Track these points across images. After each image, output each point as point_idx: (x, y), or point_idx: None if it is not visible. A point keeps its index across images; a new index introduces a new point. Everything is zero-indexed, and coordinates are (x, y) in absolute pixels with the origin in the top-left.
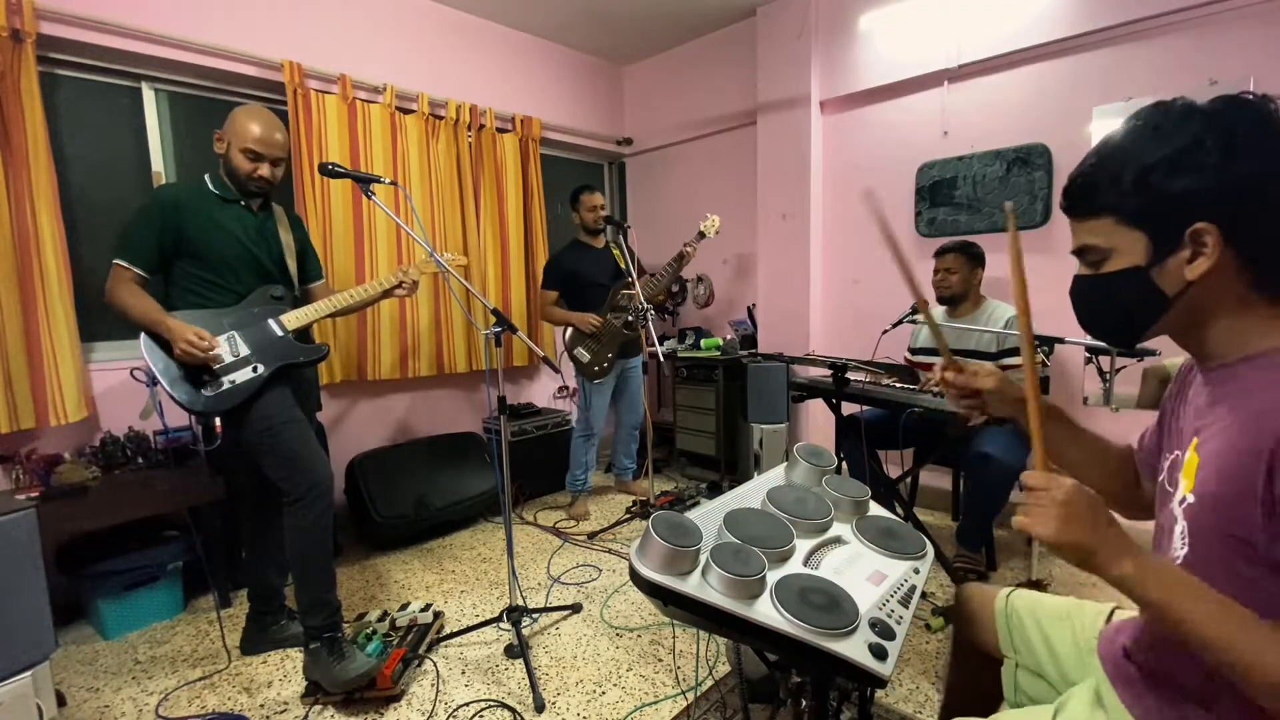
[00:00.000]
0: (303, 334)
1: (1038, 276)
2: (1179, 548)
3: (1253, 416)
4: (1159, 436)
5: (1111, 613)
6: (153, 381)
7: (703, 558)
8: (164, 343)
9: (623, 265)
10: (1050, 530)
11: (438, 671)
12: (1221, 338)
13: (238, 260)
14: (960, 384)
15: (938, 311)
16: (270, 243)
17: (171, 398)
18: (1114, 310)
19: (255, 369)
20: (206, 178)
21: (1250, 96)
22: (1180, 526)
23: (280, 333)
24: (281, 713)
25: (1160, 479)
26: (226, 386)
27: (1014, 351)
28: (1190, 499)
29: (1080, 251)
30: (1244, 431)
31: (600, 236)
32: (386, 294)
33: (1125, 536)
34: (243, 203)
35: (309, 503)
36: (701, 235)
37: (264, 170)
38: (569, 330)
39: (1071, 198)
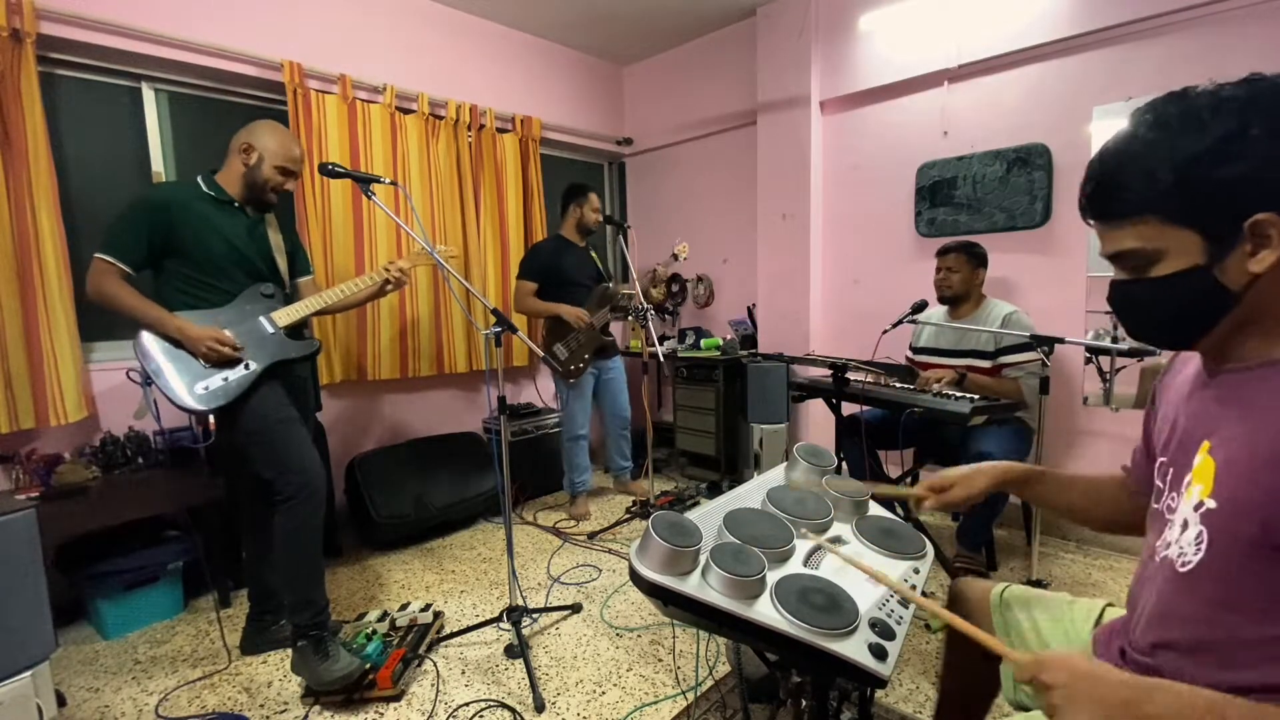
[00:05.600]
0: (296, 330)
1: (1038, 276)
2: (1192, 552)
3: None
4: (1146, 449)
5: (1103, 611)
6: (146, 381)
7: (703, 558)
8: (161, 341)
9: (601, 267)
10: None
11: (438, 671)
12: (1262, 336)
13: (229, 261)
14: (940, 505)
15: (939, 312)
16: (261, 244)
17: (165, 397)
18: (1174, 314)
19: (247, 366)
20: (199, 179)
21: (1273, 76)
22: (1196, 531)
23: (271, 329)
24: (281, 713)
25: (1154, 480)
26: (219, 384)
27: (1011, 349)
28: (1210, 504)
29: (1117, 257)
30: (1276, 436)
31: (585, 238)
32: (379, 290)
33: (1126, 681)
34: (236, 204)
35: (300, 502)
36: (675, 258)
37: (290, 185)
38: (547, 328)
39: (1099, 202)
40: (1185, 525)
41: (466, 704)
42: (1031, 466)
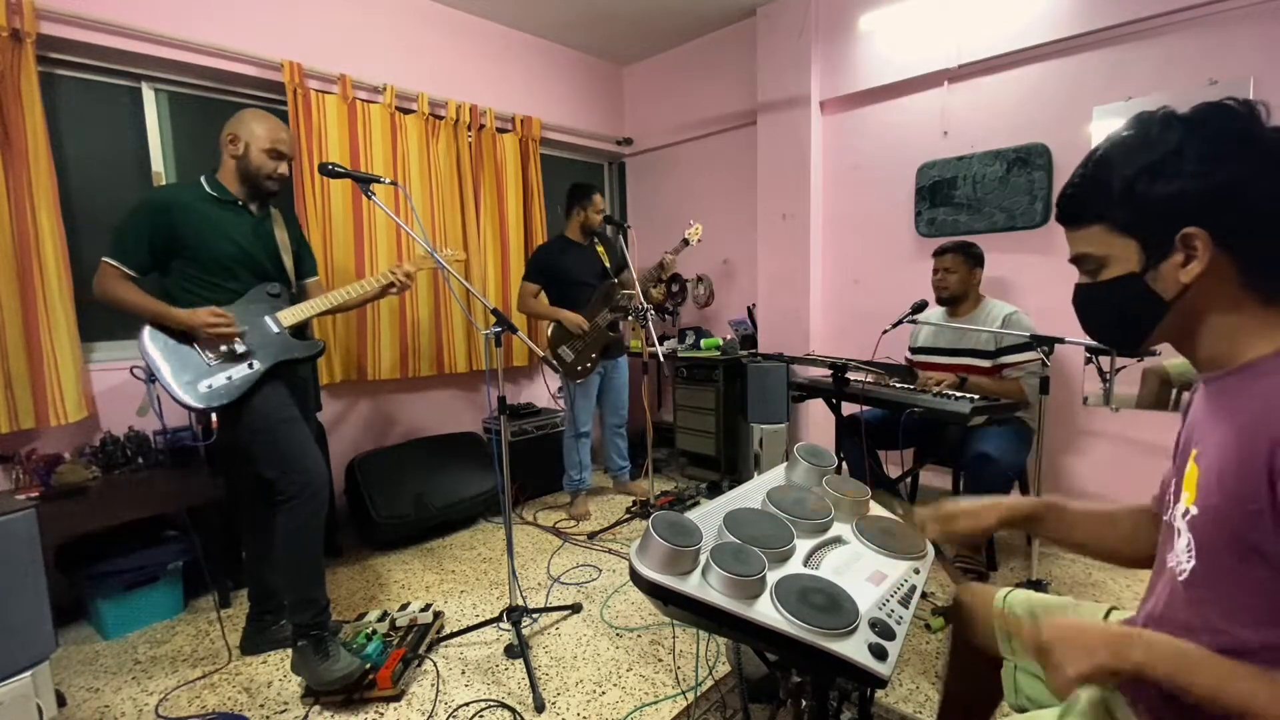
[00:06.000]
0: (299, 330)
1: (1037, 276)
2: (1185, 561)
3: (1249, 424)
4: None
5: (1108, 613)
6: (150, 379)
7: (703, 558)
8: (164, 339)
9: (608, 264)
10: (1069, 674)
11: (438, 671)
12: (1218, 342)
13: (234, 260)
14: (943, 535)
15: (938, 312)
16: (266, 242)
17: (169, 394)
18: (1115, 317)
19: (251, 365)
20: (202, 179)
21: (1231, 102)
22: (1185, 539)
23: (276, 329)
24: (281, 713)
25: (1167, 494)
26: (223, 383)
27: (1011, 349)
28: (1194, 511)
29: (1077, 260)
30: (1242, 439)
31: (587, 237)
32: (382, 292)
33: (1118, 629)
34: (240, 203)
35: (302, 502)
36: (685, 243)
37: (283, 168)
38: (552, 328)
39: (1064, 208)
40: (1179, 534)
41: (466, 704)
42: (1038, 502)
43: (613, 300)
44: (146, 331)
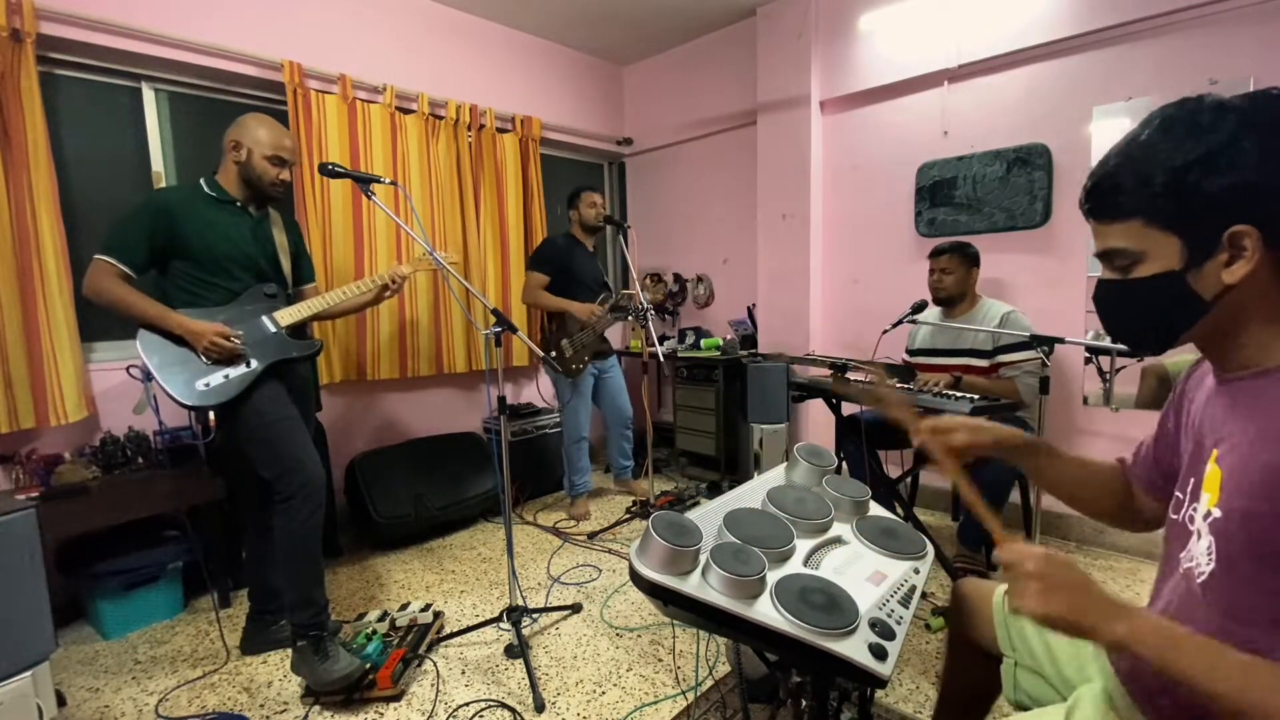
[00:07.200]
0: (298, 331)
1: (1037, 276)
2: (1204, 563)
3: None
4: (1156, 449)
5: None
6: (147, 377)
7: (703, 558)
8: (162, 338)
9: (605, 280)
10: (1034, 605)
11: (438, 671)
12: (1253, 344)
13: (233, 261)
14: (940, 447)
15: (934, 313)
16: (265, 244)
17: (166, 392)
18: (1146, 317)
19: (248, 364)
20: (202, 181)
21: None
22: (1206, 541)
23: (273, 329)
24: (281, 713)
25: (1175, 491)
26: (220, 382)
27: (1009, 348)
28: (1216, 513)
29: (1105, 255)
30: (1275, 445)
31: (591, 239)
32: (377, 297)
33: (1111, 599)
34: (238, 204)
35: (300, 501)
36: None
37: (286, 174)
38: (552, 325)
39: (1096, 199)
40: (1199, 536)
41: (466, 704)
42: (1033, 437)
43: (613, 303)
44: (142, 332)
